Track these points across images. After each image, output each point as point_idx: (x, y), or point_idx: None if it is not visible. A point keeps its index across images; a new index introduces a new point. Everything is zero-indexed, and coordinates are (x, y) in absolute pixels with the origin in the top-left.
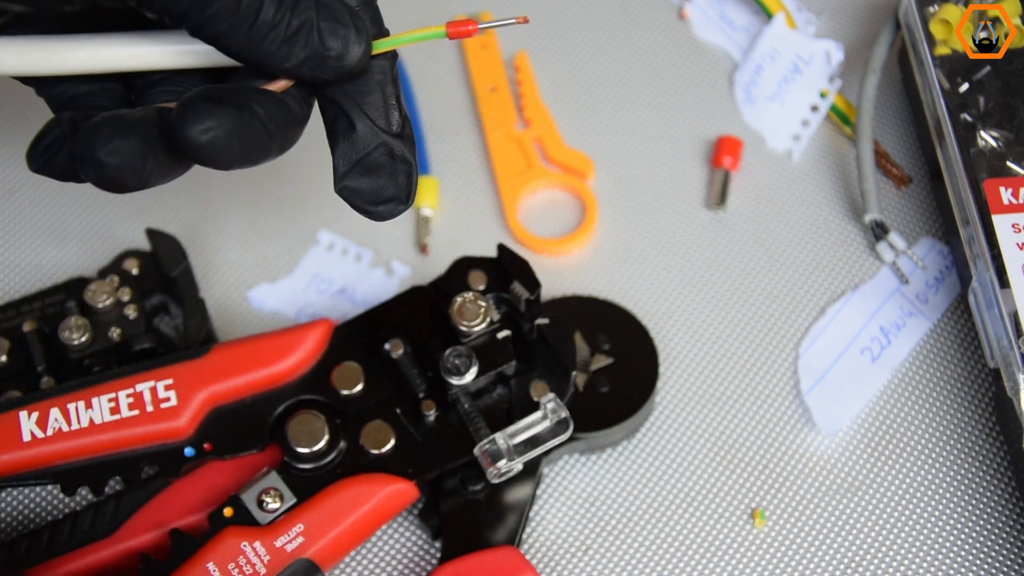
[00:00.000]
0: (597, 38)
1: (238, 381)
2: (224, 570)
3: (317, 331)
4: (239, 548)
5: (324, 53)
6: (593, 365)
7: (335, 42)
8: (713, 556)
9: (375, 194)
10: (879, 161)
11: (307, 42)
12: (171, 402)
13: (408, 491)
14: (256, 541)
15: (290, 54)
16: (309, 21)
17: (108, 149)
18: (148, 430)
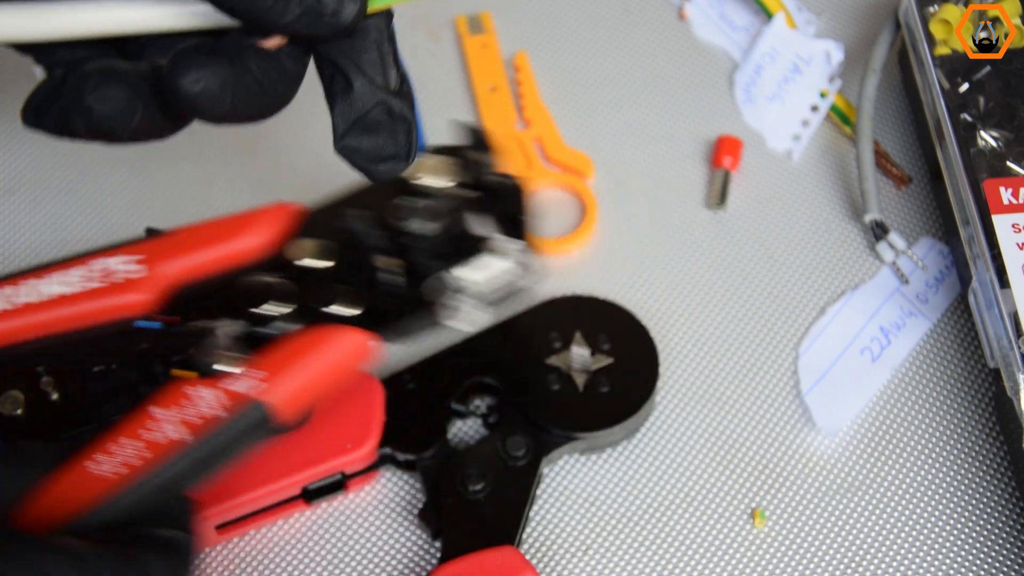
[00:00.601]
0: (597, 38)
1: (204, 257)
2: (180, 416)
3: (283, 212)
4: (195, 395)
5: (319, 9)
6: (593, 365)
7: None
8: (713, 556)
9: (375, 152)
10: (879, 161)
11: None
12: (139, 274)
13: (365, 341)
14: (212, 388)
15: (285, 10)
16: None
17: (96, 95)
18: (113, 302)
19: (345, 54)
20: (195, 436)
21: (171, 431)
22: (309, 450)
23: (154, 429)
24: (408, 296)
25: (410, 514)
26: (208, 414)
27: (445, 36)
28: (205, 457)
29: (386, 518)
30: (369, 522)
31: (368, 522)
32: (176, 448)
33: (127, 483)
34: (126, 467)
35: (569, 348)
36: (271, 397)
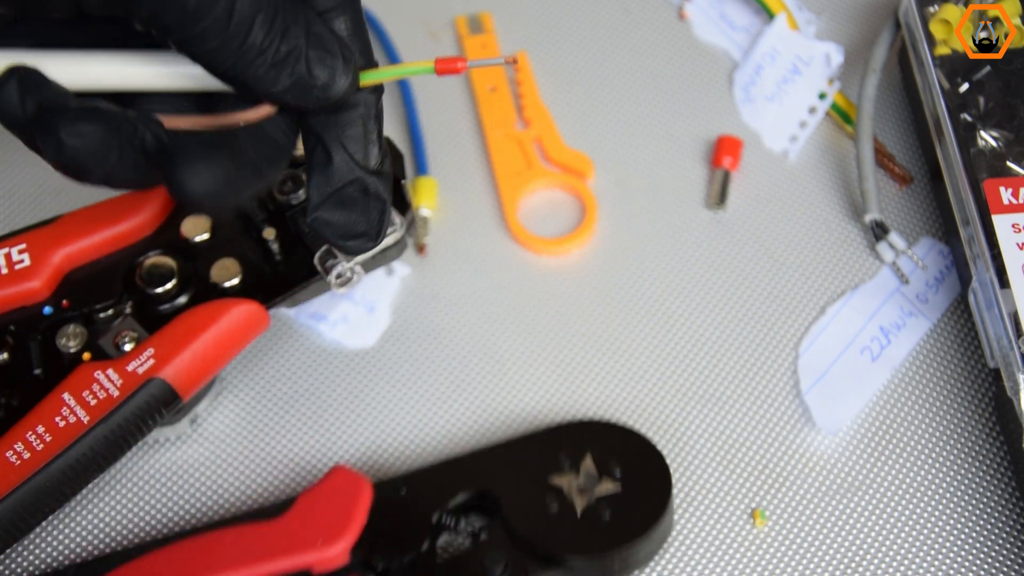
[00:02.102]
0: (597, 38)
1: (90, 241)
2: (79, 398)
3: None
4: (93, 376)
5: (310, 81)
6: (599, 491)
7: (322, 71)
8: (713, 556)
9: (346, 228)
10: (881, 160)
11: (294, 69)
12: (25, 263)
13: (255, 311)
14: (109, 369)
15: (276, 79)
16: (298, 48)
17: (70, 130)
18: (5, 293)
19: (330, 126)
20: (93, 418)
21: (71, 415)
22: (279, 540)
23: (59, 414)
24: (291, 263)
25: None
26: (104, 396)
27: (445, 36)
28: (107, 437)
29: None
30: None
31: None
32: (75, 431)
33: (31, 468)
34: (30, 452)
35: (577, 470)
36: (165, 373)
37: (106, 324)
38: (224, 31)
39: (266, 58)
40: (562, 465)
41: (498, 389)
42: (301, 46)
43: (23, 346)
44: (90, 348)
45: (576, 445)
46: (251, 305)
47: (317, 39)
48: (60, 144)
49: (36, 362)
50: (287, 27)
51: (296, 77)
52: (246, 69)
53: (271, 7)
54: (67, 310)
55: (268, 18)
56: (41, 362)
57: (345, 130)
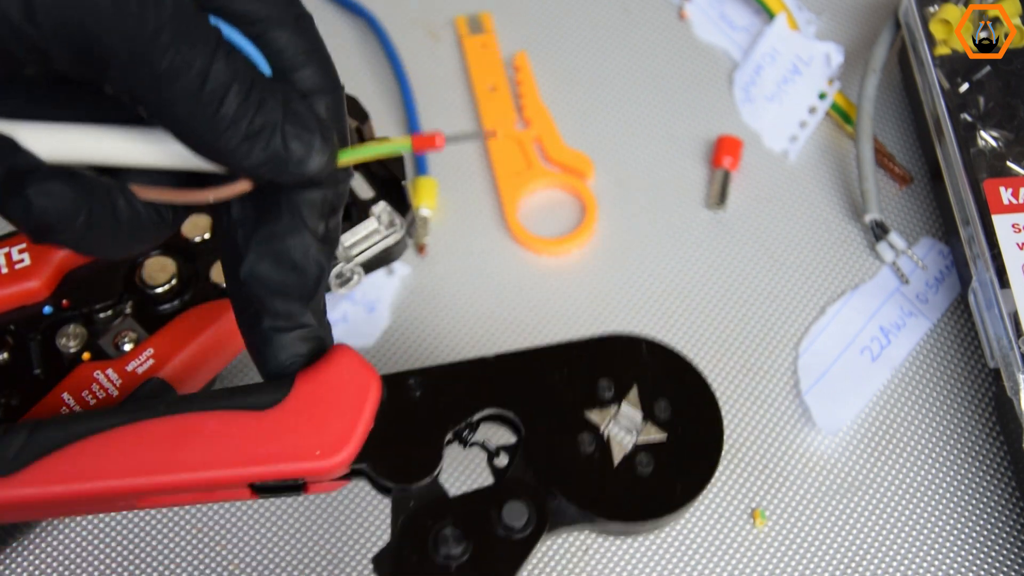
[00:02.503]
0: (597, 38)
1: None
2: (79, 398)
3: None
4: (92, 376)
5: (285, 156)
6: (641, 437)
7: (298, 147)
8: (713, 556)
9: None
10: (881, 160)
11: (269, 143)
12: (25, 263)
13: None
14: (108, 369)
15: (250, 152)
16: (273, 122)
17: (38, 189)
18: (5, 292)
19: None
20: None
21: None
22: (272, 442)
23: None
24: None
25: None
26: (104, 396)
27: (445, 36)
28: None
29: (341, 524)
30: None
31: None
32: None
33: None
34: None
35: (619, 405)
36: (164, 373)
37: (106, 324)
38: (196, 98)
39: (239, 129)
40: (602, 395)
41: None
42: (277, 120)
43: (23, 346)
44: (90, 348)
45: (622, 369)
46: None
47: (295, 116)
48: (28, 204)
49: (36, 362)
50: (263, 99)
51: (271, 151)
52: (218, 139)
53: (247, 78)
54: (67, 310)
55: (243, 89)
56: (41, 362)
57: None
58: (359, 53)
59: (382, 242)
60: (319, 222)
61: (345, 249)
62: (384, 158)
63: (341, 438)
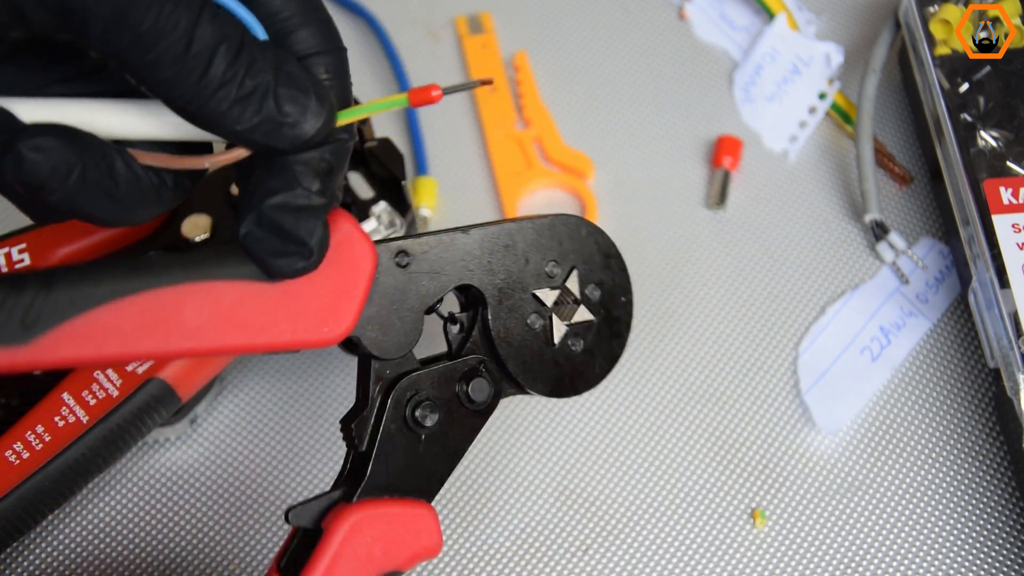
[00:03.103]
0: (597, 38)
1: (90, 241)
2: (79, 398)
3: None
4: (92, 376)
5: (280, 119)
6: (575, 317)
7: (293, 108)
8: (713, 556)
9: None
10: (881, 160)
11: (262, 106)
12: (25, 263)
13: None
14: (108, 369)
15: (241, 115)
16: (265, 83)
17: (30, 144)
18: None
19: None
20: (92, 417)
21: (70, 415)
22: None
23: (58, 414)
24: None
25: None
26: (104, 396)
27: (445, 36)
28: (106, 437)
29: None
30: None
31: None
32: (75, 431)
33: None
34: (30, 452)
35: (562, 287)
36: (164, 373)
37: None
38: (181, 60)
39: (229, 92)
40: (551, 275)
41: None
42: (269, 81)
43: None
44: None
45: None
46: None
47: (287, 77)
48: (19, 159)
49: None
50: (253, 61)
51: (264, 114)
52: (207, 103)
53: (235, 39)
54: None
55: (231, 50)
56: None
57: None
58: (359, 53)
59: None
60: (314, 181)
61: None
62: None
63: (344, 311)
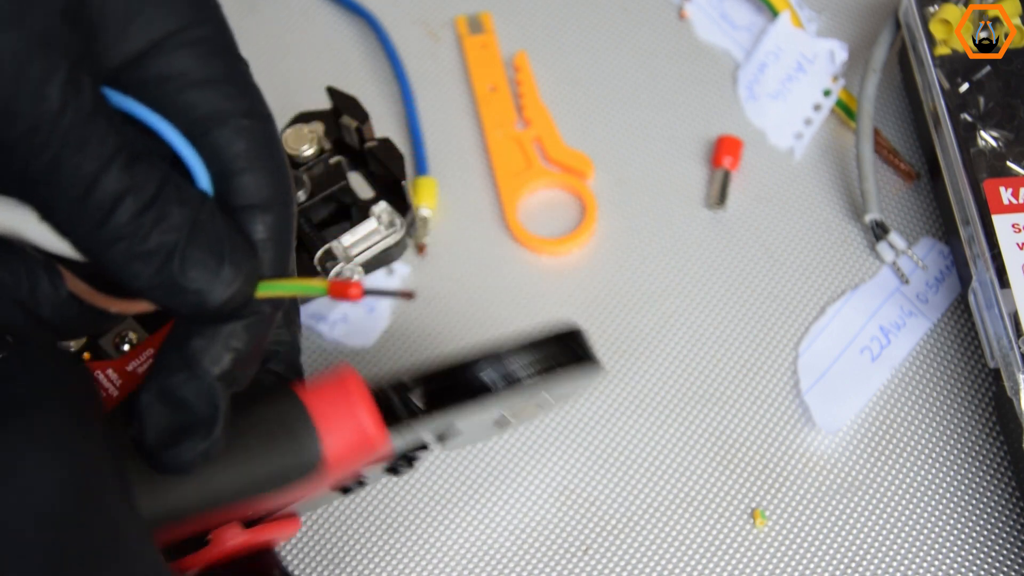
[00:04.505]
0: (597, 38)
1: None
2: None
3: None
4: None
5: (181, 283)
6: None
7: (199, 274)
8: (713, 556)
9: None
10: (887, 157)
11: (163, 266)
12: None
13: None
14: (108, 369)
15: (140, 273)
16: (172, 243)
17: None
18: None
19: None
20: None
21: None
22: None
23: None
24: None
25: None
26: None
27: (445, 36)
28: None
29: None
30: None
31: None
32: None
33: None
34: None
35: None
36: None
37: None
38: (79, 205)
39: (129, 246)
40: None
41: None
42: (178, 240)
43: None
44: (90, 348)
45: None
46: None
47: (204, 235)
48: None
49: None
50: (163, 216)
51: (165, 276)
52: (103, 252)
53: (149, 188)
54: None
55: (140, 200)
56: None
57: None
58: (359, 53)
59: (382, 242)
60: (222, 357)
61: (345, 249)
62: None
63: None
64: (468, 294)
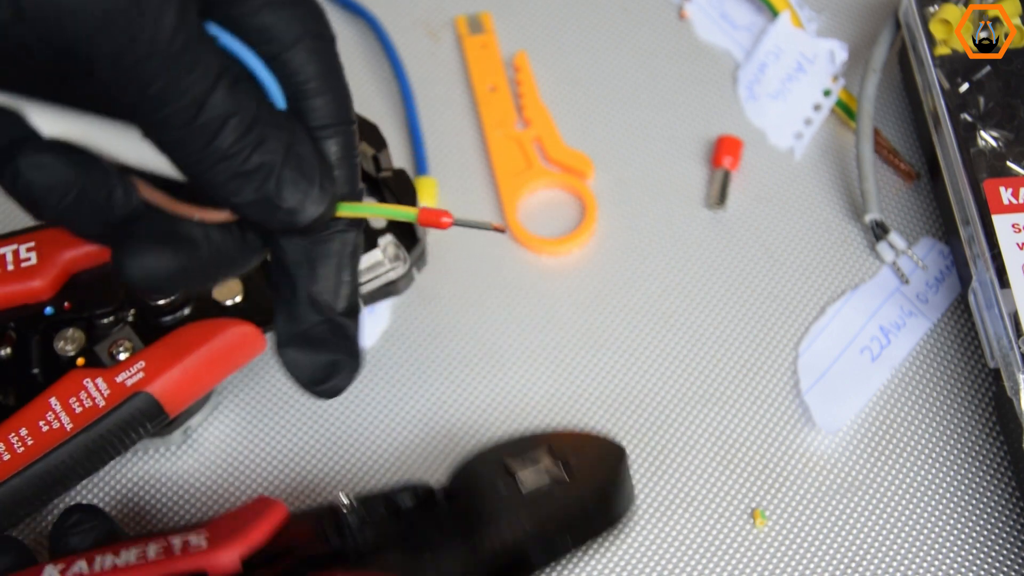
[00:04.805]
0: (597, 38)
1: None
2: (65, 404)
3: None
4: (81, 384)
5: (277, 202)
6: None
7: (293, 194)
8: (713, 556)
9: (315, 368)
10: (887, 157)
11: (262, 185)
12: (31, 261)
13: (252, 334)
14: (98, 378)
15: (239, 190)
16: (270, 164)
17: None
18: (9, 290)
19: (300, 257)
20: (76, 425)
21: (55, 420)
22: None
23: (43, 418)
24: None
25: None
26: (90, 405)
27: (445, 36)
28: (88, 447)
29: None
30: None
31: None
32: (57, 437)
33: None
34: (11, 454)
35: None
36: (153, 388)
37: (106, 331)
38: (188, 127)
39: (231, 165)
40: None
41: (498, 389)
42: (275, 162)
43: (24, 344)
44: (85, 354)
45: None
46: (247, 327)
47: (296, 159)
48: (16, 174)
49: (35, 362)
50: (263, 139)
51: (262, 194)
52: (206, 171)
53: (249, 111)
54: (68, 312)
55: (244, 122)
56: (39, 362)
57: (316, 267)
58: (359, 53)
59: (385, 275)
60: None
61: None
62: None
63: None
64: (468, 294)
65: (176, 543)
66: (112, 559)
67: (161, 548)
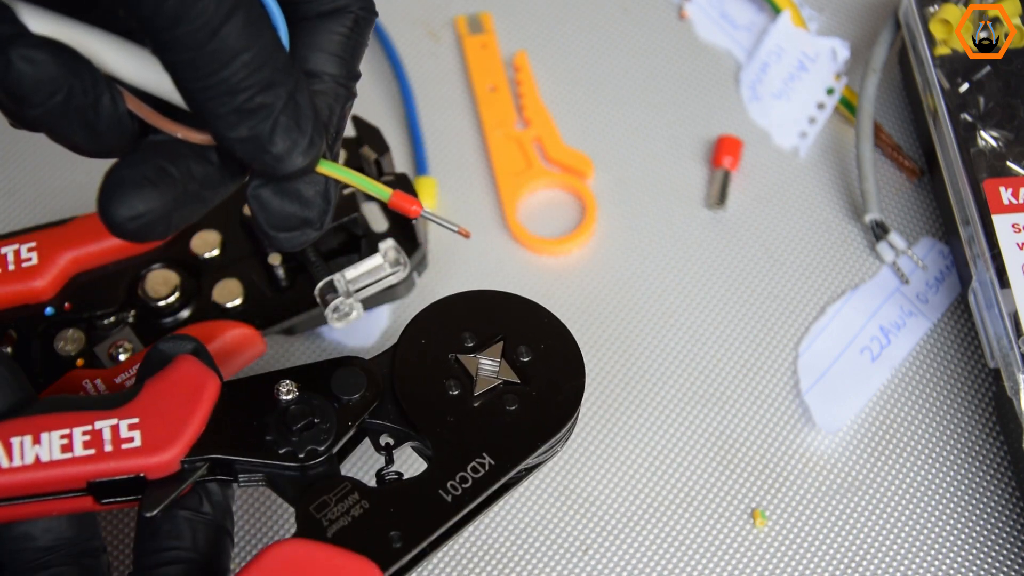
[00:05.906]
0: (597, 38)
1: (100, 246)
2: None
3: None
4: (81, 385)
5: (266, 145)
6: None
7: (282, 141)
8: (713, 556)
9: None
10: (891, 154)
11: (256, 125)
12: (32, 261)
13: (249, 336)
14: (97, 379)
15: (235, 126)
16: (271, 107)
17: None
18: (9, 290)
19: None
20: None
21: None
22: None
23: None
24: (293, 291)
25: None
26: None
27: (445, 36)
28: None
29: None
30: None
31: None
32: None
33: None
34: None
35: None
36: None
37: (106, 332)
38: (200, 48)
39: (235, 100)
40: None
41: None
42: (276, 106)
43: (25, 343)
44: (85, 354)
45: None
46: (246, 330)
47: (294, 109)
48: (7, 64)
49: (35, 362)
50: (272, 82)
51: (255, 133)
52: (210, 100)
53: (263, 52)
54: (68, 313)
55: (255, 62)
56: (40, 362)
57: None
58: None
59: (385, 279)
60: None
61: (347, 283)
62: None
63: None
64: None
65: (105, 432)
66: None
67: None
